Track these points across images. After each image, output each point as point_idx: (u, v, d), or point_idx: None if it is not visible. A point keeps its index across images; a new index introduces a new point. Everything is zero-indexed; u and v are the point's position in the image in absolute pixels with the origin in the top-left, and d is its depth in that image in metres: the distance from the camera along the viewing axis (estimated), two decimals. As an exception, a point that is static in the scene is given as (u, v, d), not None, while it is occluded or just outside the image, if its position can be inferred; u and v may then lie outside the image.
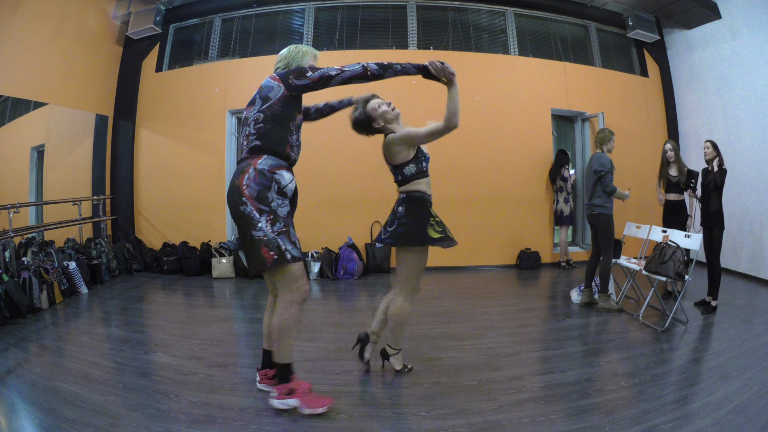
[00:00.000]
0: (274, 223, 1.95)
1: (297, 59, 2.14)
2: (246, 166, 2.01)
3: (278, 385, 2.09)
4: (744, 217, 5.00)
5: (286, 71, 2.06)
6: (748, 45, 4.98)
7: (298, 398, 2.05)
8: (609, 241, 3.66)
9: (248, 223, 1.95)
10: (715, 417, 2.00)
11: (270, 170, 2.00)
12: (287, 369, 2.07)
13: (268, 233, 1.93)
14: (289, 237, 1.98)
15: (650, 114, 6.05)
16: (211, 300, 4.27)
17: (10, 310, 3.39)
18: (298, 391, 2.07)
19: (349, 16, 5.64)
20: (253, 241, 1.94)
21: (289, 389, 2.06)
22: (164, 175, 5.62)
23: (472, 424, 1.98)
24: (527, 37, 5.86)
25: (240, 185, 1.96)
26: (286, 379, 2.07)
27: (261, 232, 1.93)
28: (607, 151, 3.76)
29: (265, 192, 1.96)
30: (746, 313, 3.73)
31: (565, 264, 5.48)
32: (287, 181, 2.05)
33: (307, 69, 2.02)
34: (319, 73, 2.00)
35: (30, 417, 2.01)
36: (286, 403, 2.06)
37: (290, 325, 2.01)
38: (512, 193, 5.52)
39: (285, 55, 2.17)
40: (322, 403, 2.07)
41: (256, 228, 1.93)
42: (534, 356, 2.81)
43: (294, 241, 2.01)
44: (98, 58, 5.40)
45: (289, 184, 2.06)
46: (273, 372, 2.22)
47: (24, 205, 4.48)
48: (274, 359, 2.09)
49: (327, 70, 2.00)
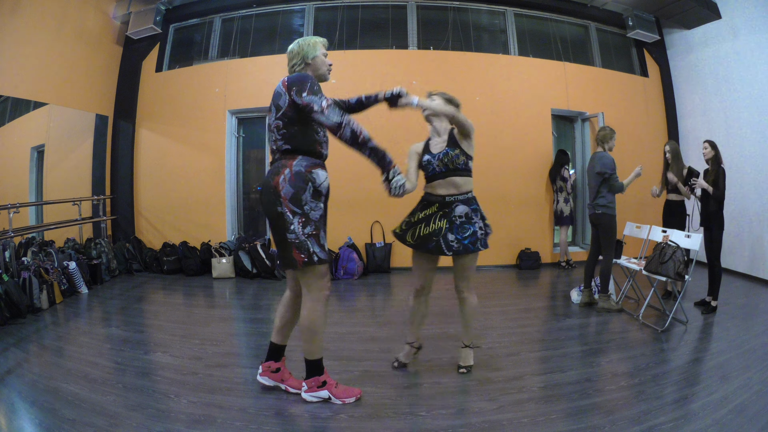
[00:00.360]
0: (305, 226, 1.99)
1: (310, 51, 2.12)
2: (281, 166, 2.03)
3: (308, 378, 2.16)
4: (744, 216, 5.00)
5: (291, 81, 2.03)
6: (748, 45, 4.98)
7: (328, 390, 2.15)
8: (611, 241, 3.66)
9: (283, 225, 1.99)
10: (715, 417, 2.00)
11: (306, 170, 2.02)
12: (318, 364, 2.15)
13: (299, 235, 1.98)
14: (318, 240, 2.02)
15: (650, 114, 6.05)
16: (211, 300, 4.27)
17: (10, 310, 3.39)
18: (329, 383, 2.16)
19: (349, 16, 5.64)
20: (285, 243, 1.99)
21: (321, 382, 2.14)
22: (164, 175, 5.62)
23: (472, 424, 1.98)
24: (527, 37, 5.86)
25: (276, 185, 1.99)
26: (319, 373, 2.15)
27: (293, 234, 1.98)
28: (608, 149, 3.75)
29: (300, 194, 1.99)
30: (746, 313, 3.73)
31: (565, 264, 5.48)
32: (322, 179, 2.08)
33: (305, 87, 1.98)
34: (308, 99, 1.96)
35: (30, 417, 2.01)
36: (318, 395, 2.15)
37: (319, 324, 2.08)
38: (512, 193, 5.51)
39: (296, 50, 2.13)
40: (352, 393, 2.18)
41: (289, 230, 1.98)
42: (534, 356, 2.81)
43: (323, 243, 2.05)
44: (98, 58, 5.40)
45: (324, 182, 2.09)
46: (276, 365, 2.27)
47: (24, 205, 4.48)
48: (305, 357, 2.15)
49: (313, 103, 1.96)
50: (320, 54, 2.15)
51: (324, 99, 1.97)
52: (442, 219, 2.33)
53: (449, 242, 2.29)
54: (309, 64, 2.13)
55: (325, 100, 1.97)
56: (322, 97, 1.98)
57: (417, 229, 2.36)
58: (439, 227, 2.32)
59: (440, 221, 2.32)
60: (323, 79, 2.20)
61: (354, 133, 1.94)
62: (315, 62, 2.14)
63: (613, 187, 3.60)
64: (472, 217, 2.33)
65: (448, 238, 2.29)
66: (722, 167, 3.67)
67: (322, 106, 1.95)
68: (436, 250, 2.31)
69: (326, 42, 2.22)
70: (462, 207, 2.33)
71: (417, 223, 2.38)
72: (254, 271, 4.99)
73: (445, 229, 2.30)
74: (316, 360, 2.14)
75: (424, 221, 2.36)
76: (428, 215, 2.36)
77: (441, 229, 2.31)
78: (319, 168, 2.08)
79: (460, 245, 2.29)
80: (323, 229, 2.08)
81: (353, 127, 1.94)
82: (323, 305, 2.09)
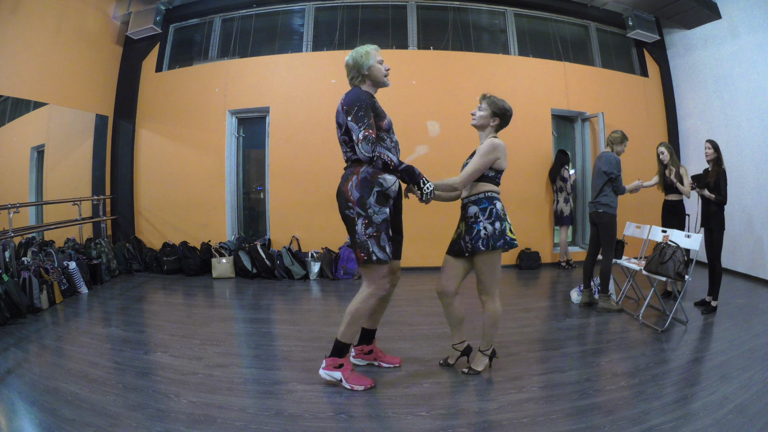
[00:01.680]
0: (367, 227, 2.16)
1: (364, 63, 2.24)
2: (350, 173, 2.22)
3: (330, 357, 2.30)
4: (744, 216, 5.00)
5: (344, 103, 2.19)
6: (748, 45, 4.98)
7: (342, 373, 2.29)
8: (611, 240, 3.66)
9: (351, 225, 2.21)
10: (715, 417, 2.00)
11: (371, 176, 2.17)
12: (345, 347, 2.30)
13: (361, 236, 2.17)
14: (378, 241, 2.17)
15: (650, 114, 6.05)
16: (211, 300, 4.27)
17: (10, 310, 3.39)
18: (345, 367, 2.30)
19: (349, 16, 5.64)
20: (354, 241, 2.21)
21: (338, 363, 2.30)
22: (164, 175, 5.62)
23: (472, 424, 1.98)
24: (527, 37, 5.86)
25: (345, 190, 2.21)
26: (340, 355, 2.30)
27: (357, 234, 2.18)
28: (616, 152, 3.76)
29: (365, 198, 2.16)
30: (746, 313, 3.73)
31: (565, 264, 5.48)
32: (390, 183, 2.22)
33: (351, 112, 2.13)
34: (351, 125, 2.14)
35: (30, 417, 2.01)
36: (332, 375, 2.30)
37: (363, 314, 2.25)
38: (512, 193, 5.50)
39: (351, 64, 2.27)
40: (364, 382, 2.29)
41: (354, 231, 2.19)
42: (534, 356, 2.80)
43: (383, 245, 2.18)
44: (98, 58, 5.40)
45: (392, 185, 2.23)
46: (369, 348, 2.55)
47: (24, 205, 4.48)
48: (337, 336, 2.28)
49: (353, 131, 2.13)
50: (375, 63, 2.25)
51: (362, 130, 2.11)
52: (462, 222, 2.46)
53: (465, 243, 2.39)
54: (366, 75, 2.25)
55: (363, 131, 2.10)
56: (363, 126, 2.11)
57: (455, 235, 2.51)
58: (461, 230, 2.45)
59: (461, 224, 2.46)
60: (382, 85, 2.32)
61: (386, 163, 2.15)
62: (372, 72, 2.25)
63: (617, 188, 3.64)
64: (479, 217, 2.37)
65: (466, 239, 2.39)
66: (723, 168, 3.67)
67: (358, 137, 2.11)
68: (459, 252, 2.43)
69: (378, 48, 2.33)
70: (473, 208, 2.40)
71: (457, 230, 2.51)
72: (254, 271, 4.99)
73: (464, 231, 2.41)
74: (344, 344, 2.28)
75: (457, 227, 2.50)
76: (459, 220, 2.50)
77: (462, 232, 2.43)
78: (387, 173, 2.21)
79: (469, 245, 2.36)
80: (385, 232, 2.20)
81: (384, 158, 2.14)
82: (374, 300, 2.25)
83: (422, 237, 5.26)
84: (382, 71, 2.27)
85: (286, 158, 5.34)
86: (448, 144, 5.33)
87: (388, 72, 2.30)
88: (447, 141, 5.34)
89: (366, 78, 2.25)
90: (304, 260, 5.04)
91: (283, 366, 2.64)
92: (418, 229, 5.22)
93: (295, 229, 5.36)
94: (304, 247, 5.31)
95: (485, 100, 2.53)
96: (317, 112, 5.27)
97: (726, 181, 3.64)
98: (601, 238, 3.72)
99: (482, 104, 2.51)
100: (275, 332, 3.28)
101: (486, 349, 2.50)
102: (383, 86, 2.31)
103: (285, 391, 2.31)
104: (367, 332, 2.54)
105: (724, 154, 3.78)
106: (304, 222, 5.34)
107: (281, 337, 3.13)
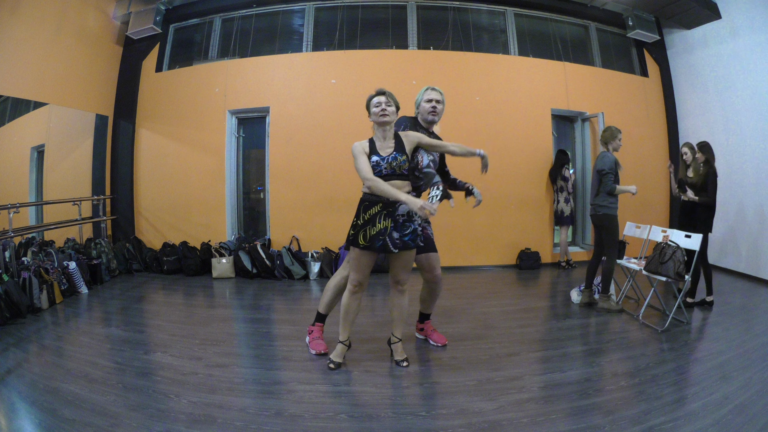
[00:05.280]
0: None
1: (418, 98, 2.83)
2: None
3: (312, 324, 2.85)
4: (744, 216, 5.00)
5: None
6: (748, 45, 4.98)
7: (309, 336, 2.85)
8: (613, 241, 3.66)
9: None
10: (715, 417, 2.00)
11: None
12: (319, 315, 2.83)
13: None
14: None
15: (650, 114, 6.05)
16: (211, 300, 4.27)
17: (10, 310, 3.39)
18: (313, 333, 2.82)
19: (349, 16, 5.64)
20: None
21: (310, 330, 2.85)
22: (164, 175, 5.62)
23: (472, 424, 1.98)
24: (527, 37, 5.86)
25: None
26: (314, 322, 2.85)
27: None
28: (612, 150, 3.72)
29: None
30: (746, 313, 3.73)
31: (565, 264, 5.48)
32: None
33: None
34: None
35: (30, 417, 2.01)
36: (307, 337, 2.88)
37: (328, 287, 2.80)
38: (512, 193, 5.52)
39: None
40: (317, 347, 2.74)
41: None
42: (534, 356, 2.81)
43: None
44: (98, 58, 5.40)
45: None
46: (421, 326, 3.01)
47: (24, 205, 4.48)
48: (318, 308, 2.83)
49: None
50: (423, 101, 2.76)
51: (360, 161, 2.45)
52: (386, 218, 2.42)
53: (394, 240, 2.41)
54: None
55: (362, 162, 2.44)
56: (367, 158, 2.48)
57: (366, 230, 2.43)
58: (384, 226, 2.41)
59: (385, 220, 2.41)
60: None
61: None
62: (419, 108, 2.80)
63: (605, 185, 3.59)
64: (413, 216, 2.44)
65: (393, 236, 2.42)
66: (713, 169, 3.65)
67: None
68: (383, 249, 2.42)
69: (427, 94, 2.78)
70: (404, 206, 2.41)
71: (364, 225, 2.44)
72: (254, 271, 4.99)
73: (390, 228, 2.41)
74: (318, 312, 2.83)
75: (370, 222, 2.42)
76: (373, 215, 2.42)
77: (386, 228, 2.41)
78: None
79: (402, 242, 2.42)
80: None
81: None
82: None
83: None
84: (426, 108, 2.78)
85: (286, 158, 5.34)
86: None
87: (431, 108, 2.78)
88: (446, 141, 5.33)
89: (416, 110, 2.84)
90: (304, 260, 5.04)
91: (283, 366, 2.64)
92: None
93: (295, 229, 5.36)
94: (304, 247, 5.31)
95: (389, 95, 2.47)
96: (317, 112, 5.27)
97: (715, 183, 3.63)
98: (603, 238, 3.72)
99: (389, 100, 2.45)
100: (275, 332, 3.28)
101: (402, 337, 2.66)
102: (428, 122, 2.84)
103: (285, 391, 2.31)
104: (421, 314, 3.00)
105: (724, 154, 3.78)
106: (304, 222, 5.34)
107: (281, 337, 3.13)
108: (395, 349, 2.65)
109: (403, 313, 2.62)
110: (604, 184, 3.59)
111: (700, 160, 3.71)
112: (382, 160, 2.41)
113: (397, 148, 2.45)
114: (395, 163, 2.40)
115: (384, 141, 2.47)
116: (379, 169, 2.40)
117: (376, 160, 2.41)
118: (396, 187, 2.36)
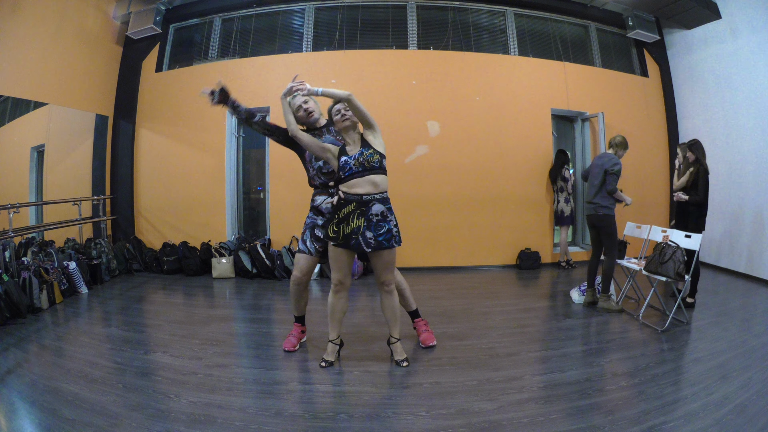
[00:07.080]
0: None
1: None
2: None
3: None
4: (743, 216, 5.00)
5: None
6: (748, 45, 4.98)
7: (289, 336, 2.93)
8: (613, 241, 3.66)
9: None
10: (715, 417, 2.00)
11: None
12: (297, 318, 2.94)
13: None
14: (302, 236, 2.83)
15: (650, 114, 6.05)
16: (211, 300, 4.27)
17: (10, 310, 3.39)
18: (292, 331, 2.93)
19: (349, 16, 5.64)
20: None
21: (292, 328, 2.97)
22: (164, 175, 5.62)
23: (472, 424, 1.98)
24: (527, 37, 5.86)
25: None
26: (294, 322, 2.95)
27: None
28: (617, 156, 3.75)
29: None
30: (746, 313, 3.73)
31: (565, 264, 5.48)
32: (318, 201, 2.80)
33: None
34: None
35: (30, 417, 2.01)
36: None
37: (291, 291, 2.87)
38: (512, 193, 5.51)
39: None
40: (288, 345, 2.85)
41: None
42: (534, 356, 2.81)
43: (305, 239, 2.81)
44: (98, 58, 5.40)
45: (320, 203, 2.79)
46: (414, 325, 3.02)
47: (24, 205, 4.48)
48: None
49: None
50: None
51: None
52: (360, 217, 2.43)
53: (368, 239, 2.42)
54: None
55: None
56: None
57: (341, 228, 2.45)
58: (357, 225, 2.43)
59: (358, 219, 2.43)
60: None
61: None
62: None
63: (609, 184, 3.60)
64: (387, 215, 2.46)
65: (366, 235, 2.42)
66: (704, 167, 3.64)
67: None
68: (356, 247, 2.43)
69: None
70: (378, 206, 2.43)
71: (339, 223, 2.46)
72: (254, 271, 4.99)
73: (363, 227, 2.42)
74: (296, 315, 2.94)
75: (345, 220, 2.44)
76: (347, 214, 2.44)
77: (360, 227, 2.42)
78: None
79: (376, 242, 2.42)
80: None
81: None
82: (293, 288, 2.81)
83: (421, 237, 5.27)
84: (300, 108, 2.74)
85: (286, 158, 5.32)
86: (448, 144, 5.34)
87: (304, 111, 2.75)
88: (447, 141, 5.34)
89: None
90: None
91: (283, 366, 2.64)
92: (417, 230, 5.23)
93: (295, 229, 5.36)
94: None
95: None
96: (317, 112, 5.27)
97: (706, 181, 3.62)
98: (603, 239, 3.71)
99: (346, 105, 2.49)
100: (275, 332, 3.28)
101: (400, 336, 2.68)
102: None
103: (285, 391, 2.31)
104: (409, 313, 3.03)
105: (724, 154, 3.78)
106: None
107: (281, 337, 3.13)
108: (395, 349, 2.66)
109: (396, 312, 2.62)
110: (609, 183, 3.59)
111: (690, 159, 3.71)
112: (350, 158, 2.45)
113: (363, 144, 2.50)
114: (362, 158, 2.43)
115: (353, 144, 2.52)
116: (349, 166, 2.44)
117: (344, 160, 2.47)
118: (374, 183, 2.43)
